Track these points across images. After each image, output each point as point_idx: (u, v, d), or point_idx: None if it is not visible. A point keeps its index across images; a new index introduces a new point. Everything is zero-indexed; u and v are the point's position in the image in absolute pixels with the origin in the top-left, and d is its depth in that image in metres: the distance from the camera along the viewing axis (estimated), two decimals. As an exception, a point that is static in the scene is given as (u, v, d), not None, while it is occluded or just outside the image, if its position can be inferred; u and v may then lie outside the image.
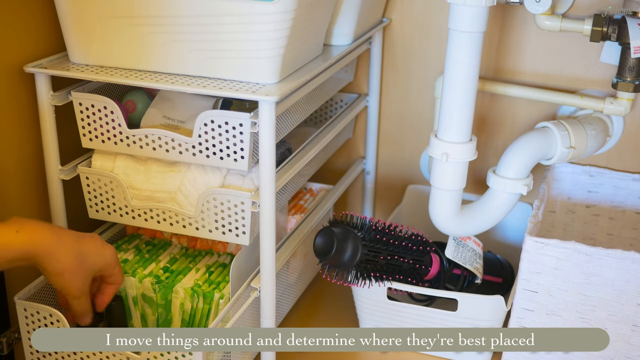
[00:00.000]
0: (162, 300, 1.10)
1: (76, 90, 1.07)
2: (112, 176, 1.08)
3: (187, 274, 1.12)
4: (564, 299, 1.09)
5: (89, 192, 1.11)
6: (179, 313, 1.09)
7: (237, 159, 1.01)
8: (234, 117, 0.98)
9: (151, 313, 1.11)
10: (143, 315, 1.12)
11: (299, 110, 1.14)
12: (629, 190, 1.33)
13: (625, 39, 1.17)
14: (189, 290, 1.08)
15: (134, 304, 1.12)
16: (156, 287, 1.09)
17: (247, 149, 0.99)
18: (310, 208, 1.33)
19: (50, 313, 1.00)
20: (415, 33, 1.40)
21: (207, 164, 1.03)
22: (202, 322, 1.09)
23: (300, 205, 1.36)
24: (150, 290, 1.10)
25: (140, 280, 1.10)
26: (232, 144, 1.00)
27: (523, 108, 1.37)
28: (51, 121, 1.07)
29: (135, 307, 1.12)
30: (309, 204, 1.37)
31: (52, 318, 1.00)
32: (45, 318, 1.01)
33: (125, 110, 1.08)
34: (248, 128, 0.98)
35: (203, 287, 1.08)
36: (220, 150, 1.01)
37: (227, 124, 0.99)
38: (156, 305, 1.11)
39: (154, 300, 1.10)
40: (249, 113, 0.98)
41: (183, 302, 1.09)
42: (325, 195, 1.36)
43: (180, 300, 1.09)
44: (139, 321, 1.12)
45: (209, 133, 1.00)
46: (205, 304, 1.08)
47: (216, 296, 1.07)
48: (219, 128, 1.00)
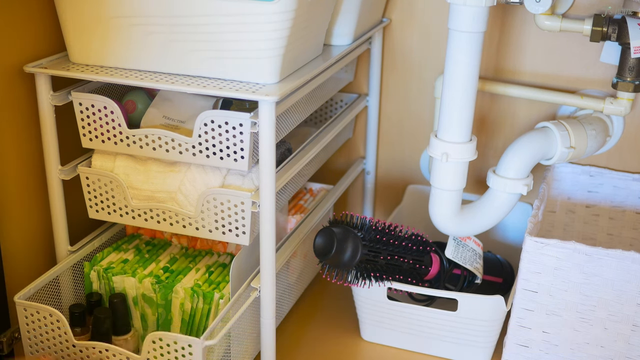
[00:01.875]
0: (162, 300, 1.10)
1: (76, 90, 1.07)
2: (112, 176, 1.08)
3: (187, 274, 1.12)
4: (564, 299, 1.09)
5: (89, 192, 1.11)
6: (179, 313, 1.09)
7: (237, 159, 1.01)
8: (234, 117, 0.98)
9: (151, 313, 1.11)
10: (143, 315, 1.12)
11: (299, 110, 1.14)
12: (629, 190, 1.33)
13: (625, 39, 1.17)
14: (189, 290, 1.08)
15: (134, 304, 1.12)
16: (156, 287, 1.10)
17: (247, 149, 0.99)
18: (310, 208, 1.33)
19: (50, 313, 1.00)
20: (415, 33, 1.40)
21: (207, 164, 1.03)
22: (202, 322, 1.09)
23: (300, 205, 1.36)
24: (150, 290, 1.10)
25: (140, 281, 1.10)
26: (232, 144, 1.00)
27: (523, 108, 1.37)
28: (51, 121, 1.07)
29: (135, 307, 1.12)
30: (309, 204, 1.37)
31: (52, 318, 1.00)
32: (45, 318, 1.01)
33: (125, 110, 1.08)
34: (248, 128, 0.98)
35: (203, 287, 1.08)
36: (220, 150, 1.01)
37: (227, 124, 0.99)
38: (156, 305, 1.11)
39: (154, 300, 1.10)
40: (249, 113, 0.98)
41: (183, 302, 1.09)
42: (325, 195, 1.36)
43: (180, 300, 1.09)
44: (139, 321, 1.13)
45: (209, 133, 1.00)
46: (205, 304, 1.08)
47: (216, 296, 1.07)
48: (219, 128, 1.00)
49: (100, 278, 1.13)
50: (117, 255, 1.16)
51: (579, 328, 1.10)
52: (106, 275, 1.12)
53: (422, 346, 1.21)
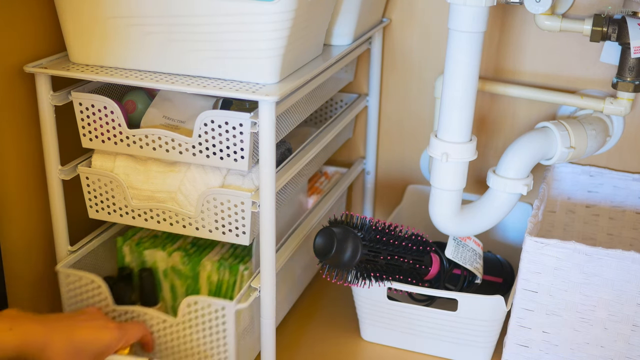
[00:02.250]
0: (190, 272, 1.16)
1: (76, 90, 1.07)
2: (112, 176, 1.08)
3: (213, 248, 1.18)
4: (564, 299, 1.09)
5: (89, 192, 1.11)
6: (207, 284, 1.16)
7: (237, 159, 1.01)
8: (234, 117, 0.98)
9: (180, 285, 1.17)
10: (172, 286, 1.18)
11: (299, 110, 1.14)
12: (629, 190, 1.33)
13: (625, 39, 1.17)
14: (216, 262, 1.14)
15: (163, 277, 1.18)
16: (185, 259, 1.16)
17: (247, 149, 0.99)
18: (325, 190, 1.38)
19: (91, 280, 1.09)
20: (415, 33, 1.40)
21: (207, 164, 1.03)
22: (227, 292, 1.15)
23: (316, 187, 1.41)
24: (179, 263, 1.16)
25: (169, 254, 1.16)
26: (232, 144, 1.00)
27: (523, 108, 1.37)
28: (51, 121, 1.07)
29: (164, 280, 1.18)
30: (324, 186, 1.43)
31: (93, 284, 1.10)
32: (86, 285, 1.10)
33: (125, 110, 1.08)
34: (248, 128, 0.98)
35: (229, 261, 1.14)
36: (220, 150, 1.01)
37: (227, 124, 0.99)
38: (185, 277, 1.16)
39: (183, 273, 1.16)
40: (249, 113, 0.98)
41: (210, 274, 1.15)
42: (340, 179, 1.42)
43: (208, 272, 1.15)
44: (168, 292, 1.19)
45: (209, 133, 1.00)
46: (232, 275, 1.14)
47: (241, 268, 1.13)
48: (219, 128, 1.00)
49: (132, 252, 1.19)
50: (147, 231, 1.23)
51: (579, 328, 1.10)
52: (138, 249, 1.18)
53: (422, 346, 1.21)
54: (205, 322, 1.05)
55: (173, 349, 1.08)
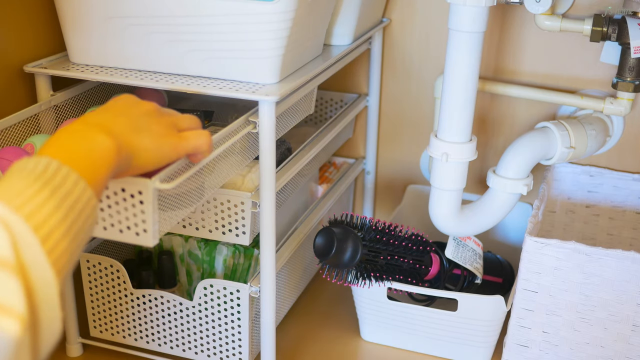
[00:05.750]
0: (206, 256, 1.18)
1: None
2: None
3: None
4: (564, 299, 1.09)
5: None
6: (222, 268, 1.18)
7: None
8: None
9: (196, 269, 1.20)
10: (188, 270, 1.21)
11: (299, 110, 1.14)
12: (629, 190, 1.33)
13: (625, 39, 1.17)
14: (232, 247, 1.17)
15: (180, 261, 1.20)
16: (201, 244, 1.18)
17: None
18: (335, 179, 1.40)
19: (111, 264, 1.11)
20: (415, 33, 1.40)
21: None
22: (242, 276, 1.18)
23: (326, 177, 1.43)
24: (195, 247, 1.19)
25: (186, 239, 1.19)
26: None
27: (523, 108, 1.37)
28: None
29: (181, 264, 1.20)
30: (334, 175, 1.45)
31: (112, 268, 1.11)
32: (106, 268, 1.12)
33: (27, 153, 1.07)
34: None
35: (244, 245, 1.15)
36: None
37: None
38: (201, 261, 1.19)
39: (199, 257, 1.19)
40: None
41: (226, 259, 1.17)
42: (348, 169, 1.44)
43: (223, 257, 1.17)
44: (184, 276, 1.21)
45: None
46: (246, 259, 1.16)
47: (256, 252, 1.17)
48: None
49: None
50: None
51: (579, 328, 1.10)
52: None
53: (422, 346, 1.21)
54: (220, 305, 1.07)
55: (189, 331, 1.11)
